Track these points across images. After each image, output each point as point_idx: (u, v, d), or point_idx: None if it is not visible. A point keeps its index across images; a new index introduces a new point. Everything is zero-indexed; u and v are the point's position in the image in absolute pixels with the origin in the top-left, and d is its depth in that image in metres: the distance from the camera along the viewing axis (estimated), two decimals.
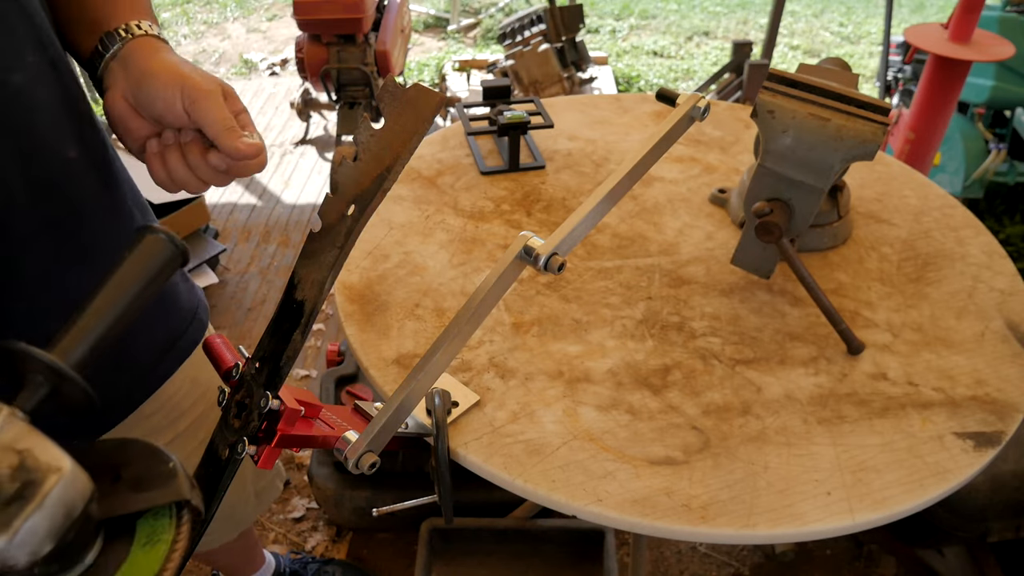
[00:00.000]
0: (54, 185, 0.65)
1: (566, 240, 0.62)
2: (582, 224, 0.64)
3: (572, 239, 0.63)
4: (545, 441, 0.72)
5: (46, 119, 0.63)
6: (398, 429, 0.66)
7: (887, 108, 0.82)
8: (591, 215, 0.65)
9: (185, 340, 0.85)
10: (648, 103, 1.31)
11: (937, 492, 0.69)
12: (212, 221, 2.49)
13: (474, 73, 3.22)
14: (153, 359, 0.82)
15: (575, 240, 0.64)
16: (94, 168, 0.70)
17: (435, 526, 1.36)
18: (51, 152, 0.64)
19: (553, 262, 0.60)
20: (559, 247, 0.61)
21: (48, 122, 0.64)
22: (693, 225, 1.02)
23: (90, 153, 0.69)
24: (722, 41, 4.32)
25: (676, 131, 0.72)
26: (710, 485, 0.69)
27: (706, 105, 0.74)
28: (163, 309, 0.82)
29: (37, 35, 0.62)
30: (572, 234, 0.63)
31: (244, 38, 4.29)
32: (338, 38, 2.65)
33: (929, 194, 1.09)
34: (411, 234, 0.99)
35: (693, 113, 0.73)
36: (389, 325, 0.85)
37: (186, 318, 0.85)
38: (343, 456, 0.59)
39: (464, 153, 1.16)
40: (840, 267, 0.95)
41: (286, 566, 1.46)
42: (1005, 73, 2.28)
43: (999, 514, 1.32)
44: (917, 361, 0.82)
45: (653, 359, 0.82)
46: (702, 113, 0.74)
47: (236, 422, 0.54)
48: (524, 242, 0.61)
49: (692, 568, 1.57)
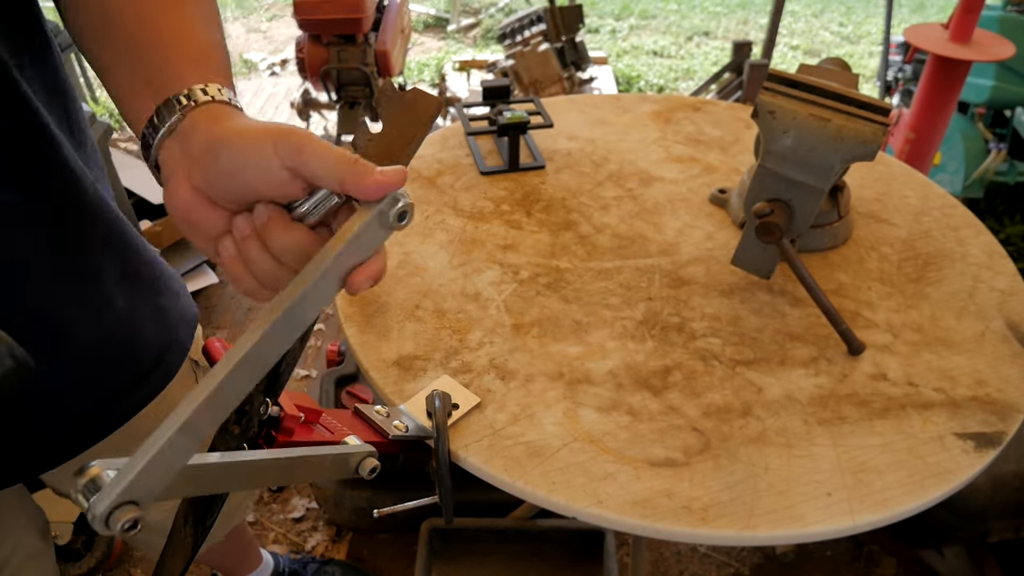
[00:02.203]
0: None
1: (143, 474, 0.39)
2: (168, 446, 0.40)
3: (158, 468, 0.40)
4: (545, 443, 0.72)
5: None
6: (393, 434, 0.66)
7: (887, 108, 0.82)
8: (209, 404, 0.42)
9: (152, 381, 0.79)
10: (648, 103, 1.31)
11: (938, 493, 0.69)
12: None
13: (474, 73, 3.22)
14: (107, 403, 0.75)
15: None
16: (42, 212, 0.60)
17: (435, 526, 1.36)
18: None
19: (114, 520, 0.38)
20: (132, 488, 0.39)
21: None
22: (693, 225, 1.02)
23: (41, 197, 0.60)
24: (722, 41, 4.32)
25: (357, 244, 0.47)
26: (711, 487, 0.69)
27: (404, 205, 0.47)
28: (123, 352, 0.75)
29: None
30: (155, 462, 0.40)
31: (244, 38, 4.29)
32: (338, 38, 2.65)
33: (929, 194, 1.09)
34: (411, 234, 0.99)
35: (381, 221, 0.47)
36: (389, 326, 0.85)
37: (152, 360, 0.78)
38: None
39: (464, 153, 1.16)
40: (840, 267, 0.95)
41: (285, 566, 1.45)
42: (1005, 73, 2.27)
43: (999, 514, 1.32)
44: (917, 361, 0.82)
45: (653, 360, 0.82)
46: (396, 218, 0.47)
47: (235, 428, 0.54)
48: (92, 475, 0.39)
49: (692, 568, 1.57)
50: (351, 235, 0.45)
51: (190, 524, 0.57)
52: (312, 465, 0.54)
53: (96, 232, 0.68)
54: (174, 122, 0.50)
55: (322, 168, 0.46)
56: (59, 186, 0.62)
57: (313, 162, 0.46)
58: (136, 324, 0.75)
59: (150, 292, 0.78)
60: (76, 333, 0.69)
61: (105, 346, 0.72)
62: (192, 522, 0.57)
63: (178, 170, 0.50)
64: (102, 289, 0.70)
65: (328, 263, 0.45)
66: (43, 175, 0.60)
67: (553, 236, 0.99)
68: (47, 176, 0.60)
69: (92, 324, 0.70)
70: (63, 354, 0.69)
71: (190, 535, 0.57)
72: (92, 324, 0.70)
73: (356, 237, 0.45)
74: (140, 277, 0.76)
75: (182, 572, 0.56)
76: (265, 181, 0.47)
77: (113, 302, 0.72)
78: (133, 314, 0.75)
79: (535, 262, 0.95)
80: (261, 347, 0.43)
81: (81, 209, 0.65)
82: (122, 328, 0.74)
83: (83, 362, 0.71)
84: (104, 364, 0.73)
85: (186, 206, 0.49)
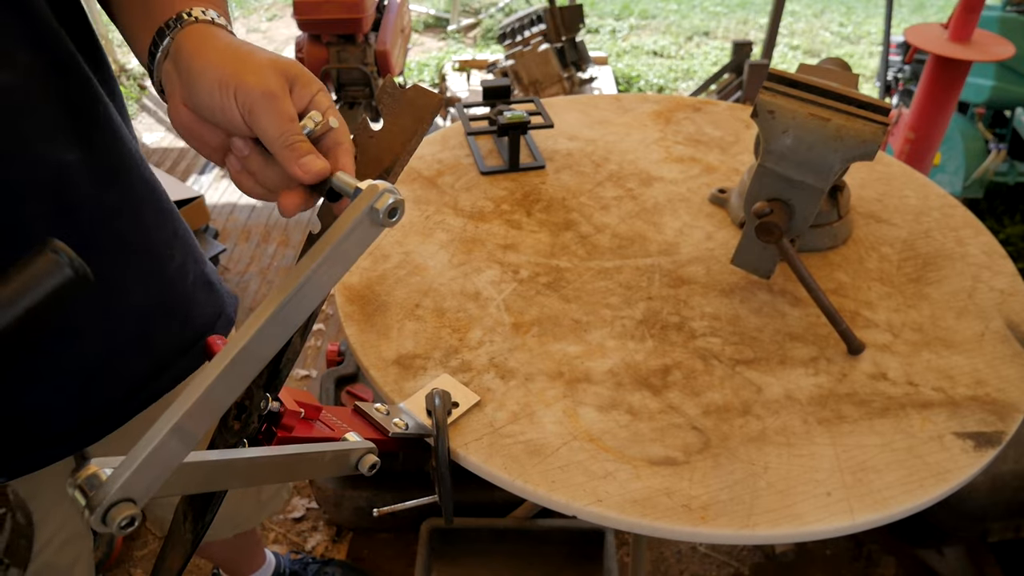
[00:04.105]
0: (39, 187, 0.60)
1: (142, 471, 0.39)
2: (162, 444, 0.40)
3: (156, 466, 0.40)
4: (545, 441, 0.72)
5: (36, 121, 0.59)
6: (393, 431, 0.67)
7: (887, 108, 0.82)
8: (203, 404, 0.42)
9: (190, 358, 0.80)
10: (648, 103, 1.31)
11: (937, 492, 0.69)
12: (212, 221, 2.49)
13: (474, 73, 3.22)
14: (147, 376, 0.76)
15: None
16: (99, 172, 0.65)
17: (435, 526, 1.36)
18: (36, 155, 0.59)
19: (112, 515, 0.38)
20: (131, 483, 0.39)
21: (38, 124, 0.59)
22: (693, 225, 1.02)
23: (96, 157, 0.64)
24: (722, 41, 4.32)
25: (347, 246, 0.46)
26: (710, 485, 0.69)
27: (395, 201, 0.46)
28: (171, 320, 0.77)
29: (35, 34, 0.58)
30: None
31: (244, 38, 4.29)
32: (338, 38, 2.65)
33: (929, 194, 1.09)
34: (411, 234, 0.99)
35: (372, 218, 0.46)
36: (389, 325, 0.85)
37: (198, 331, 0.80)
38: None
39: (464, 153, 1.16)
40: (840, 267, 0.95)
41: (286, 566, 1.45)
42: (1005, 73, 2.28)
43: (999, 514, 1.32)
44: (917, 361, 0.82)
45: (653, 359, 0.82)
46: (387, 215, 0.46)
47: (236, 424, 0.54)
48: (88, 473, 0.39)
49: (692, 568, 1.57)
50: (342, 233, 0.45)
51: (189, 520, 0.57)
52: (312, 461, 0.54)
53: (145, 192, 0.71)
54: (166, 45, 0.55)
55: (264, 136, 0.50)
56: (113, 146, 0.66)
57: (258, 126, 0.50)
58: (187, 288, 0.78)
59: (198, 259, 0.80)
60: (127, 291, 0.70)
61: (160, 306, 0.74)
62: (192, 518, 0.57)
63: (175, 91, 0.54)
64: (154, 250, 0.73)
65: (319, 261, 0.45)
66: (101, 137, 0.64)
67: (553, 236, 0.99)
68: (102, 136, 0.64)
69: (144, 283, 0.72)
70: (121, 314, 0.71)
71: (189, 531, 0.57)
72: (144, 283, 0.72)
73: (347, 235, 0.46)
74: (188, 241, 0.79)
75: (181, 568, 0.56)
76: (231, 126, 0.51)
77: (167, 263, 0.74)
78: (184, 276, 0.77)
79: (535, 262, 0.95)
80: (256, 344, 0.43)
81: (127, 168, 0.68)
82: (176, 289, 0.76)
83: (141, 319, 0.73)
84: (156, 324, 0.75)
85: (186, 124, 0.54)
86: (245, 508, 1.09)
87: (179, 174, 2.84)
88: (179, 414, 0.40)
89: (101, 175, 0.66)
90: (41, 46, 0.59)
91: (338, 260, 0.46)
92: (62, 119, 0.62)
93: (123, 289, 0.70)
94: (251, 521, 1.14)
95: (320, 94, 0.54)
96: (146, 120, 3.26)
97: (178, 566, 0.57)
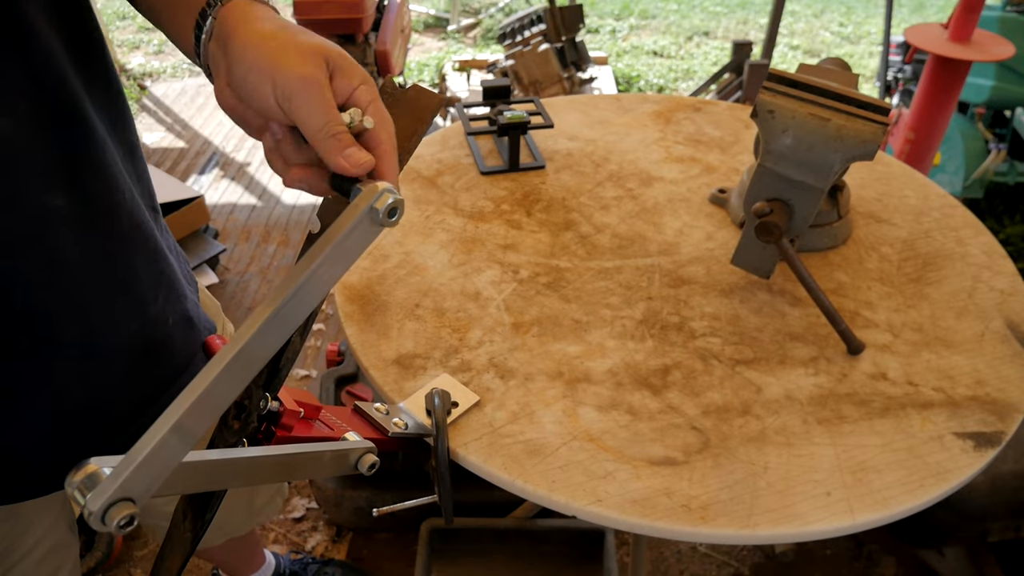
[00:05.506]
0: (26, 234, 0.57)
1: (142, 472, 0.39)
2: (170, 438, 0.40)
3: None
4: (545, 441, 0.72)
5: (30, 169, 0.56)
6: (393, 431, 0.67)
7: (887, 108, 0.82)
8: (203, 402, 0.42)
9: (182, 383, 0.76)
10: (648, 103, 1.31)
11: (937, 492, 0.69)
12: (212, 221, 2.49)
13: (474, 73, 3.22)
14: (126, 418, 0.73)
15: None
16: (89, 218, 0.61)
17: (435, 526, 1.36)
18: (26, 202, 0.56)
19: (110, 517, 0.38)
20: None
21: (32, 172, 0.56)
22: (693, 225, 1.02)
23: (88, 203, 0.61)
24: (722, 41, 4.32)
25: (349, 244, 0.47)
26: (710, 485, 0.69)
27: (395, 201, 0.47)
28: (150, 361, 0.74)
29: (37, 78, 0.55)
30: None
31: None
32: (338, 38, 2.65)
33: (929, 194, 1.09)
34: (411, 234, 0.99)
35: (372, 217, 0.47)
36: (389, 325, 0.85)
37: (177, 370, 0.76)
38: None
39: (464, 153, 1.16)
40: (840, 267, 0.95)
41: (286, 567, 1.45)
42: (1005, 73, 2.28)
43: (999, 514, 1.32)
44: (917, 361, 0.82)
45: (653, 359, 0.82)
46: (386, 215, 0.47)
47: (235, 423, 0.54)
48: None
49: (692, 568, 1.57)
50: (341, 233, 0.45)
51: (188, 520, 0.57)
52: (311, 461, 0.54)
53: (136, 236, 0.68)
54: (209, 26, 0.53)
55: (305, 125, 0.49)
56: (106, 192, 0.63)
57: (298, 116, 0.48)
58: (168, 329, 0.75)
59: (180, 295, 0.77)
60: (108, 334, 0.68)
61: (140, 349, 0.72)
62: (191, 518, 0.57)
63: (220, 72, 0.53)
64: (137, 293, 0.70)
65: (319, 261, 0.45)
66: (94, 183, 0.61)
67: (553, 236, 0.99)
68: (95, 183, 0.61)
69: (125, 327, 0.69)
70: (100, 357, 0.68)
71: (188, 531, 0.57)
72: (125, 327, 0.69)
73: (346, 235, 0.46)
74: (172, 279, 0.75)
75: (180, 568, 0.56)
76: (269, 113, 0.50)
77: (150, 306, 0.71)
78: (165, 319, 0.74)
79: (535, 262, 0.95)
80: (255, 344, 0.43)
81: (123, 216, 0.65)
82: (157, 330, 0.73)
83: (120, 362, 0.70)
84: (136, 367, 0.73)
85: (230, 104, 0.53)
86: (237, 514, 1.09)
87: (179, 174, 2.84)
88: (179, 413, 0.40)
89: (91, 221, 0.63)
90: (43, 92, 0.56)
91: (338, 260, 0.46)
92: (59, 166, 0.59)
93: (103, 332, 0.67)
94: (243, 528, 1.13)
95: (362, 88, 0.51)
96: (146, 120, 3.26)
97: (177, 566, 0.57)
